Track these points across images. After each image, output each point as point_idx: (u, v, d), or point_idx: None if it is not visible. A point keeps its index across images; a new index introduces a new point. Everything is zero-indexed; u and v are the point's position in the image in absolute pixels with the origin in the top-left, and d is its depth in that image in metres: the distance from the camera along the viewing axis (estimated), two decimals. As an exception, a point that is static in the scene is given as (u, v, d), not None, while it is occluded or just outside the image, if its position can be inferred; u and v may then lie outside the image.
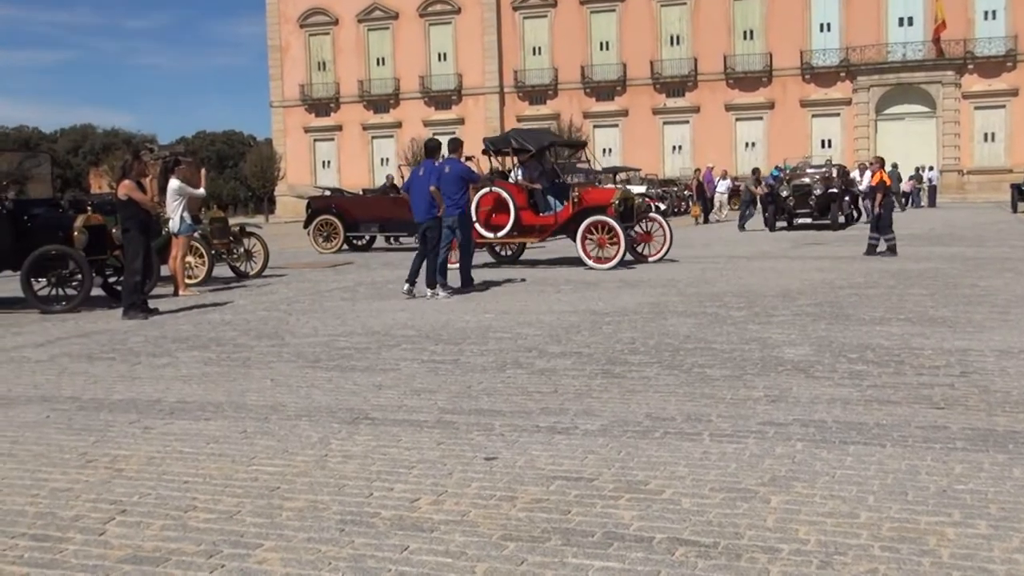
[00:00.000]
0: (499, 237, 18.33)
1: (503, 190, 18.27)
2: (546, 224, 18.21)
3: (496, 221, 18.28)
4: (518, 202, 18.19)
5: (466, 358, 8.75)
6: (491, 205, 18.28)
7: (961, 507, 4.50)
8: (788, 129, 60.53)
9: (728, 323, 10.47)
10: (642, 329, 10.20)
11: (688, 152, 63.50)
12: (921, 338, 9.13)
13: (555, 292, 14.11)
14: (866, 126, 60.49)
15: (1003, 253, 18.68)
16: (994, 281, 13.92)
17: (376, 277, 17.62)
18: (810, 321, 10.44)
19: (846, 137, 61.13)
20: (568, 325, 10.65)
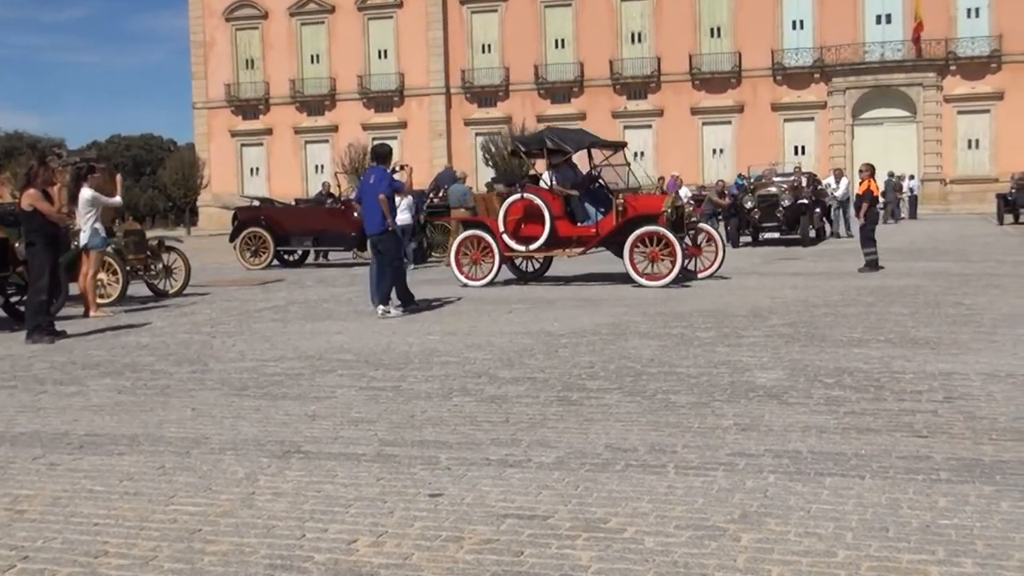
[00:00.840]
0: (532, 250, 17.83)
1: (537, 197, 17.69)
2: (586, 236, 17.66)
3: (527, 232, 17.75)
4: (554, 211, 17.64)
5: (409, 384, 8.72)
6: (521, 214, 17.74)
7: (945, 544, 4.55)
8: (758, 134, 61.23)
9: (695, 345, 10.53)
10: (601, 352, 10.23)
11: (651, 159, 63.95)
12: (902, 361, 9.25)
13: (506, 312, 14.12)
14: (842, 131, 61.37)
15: (989, 268, 19.00)
16: (979, 299, 14.14)
17: (310, 295, 17.53)
18: (783, 343, 10.53)
19: (821, 143, 61.98)
20: (521, 348, 10.65)
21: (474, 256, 18.19)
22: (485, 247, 18.07)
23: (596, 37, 64.21)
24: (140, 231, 18.45)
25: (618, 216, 17.32)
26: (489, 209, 18.55)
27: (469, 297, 16.30)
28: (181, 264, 18.52)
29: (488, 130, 64.00)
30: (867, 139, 60.61)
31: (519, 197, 17.79)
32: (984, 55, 59.55)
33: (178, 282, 18.41)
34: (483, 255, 18.10)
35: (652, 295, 15.81)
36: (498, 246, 17.87)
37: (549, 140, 18.31)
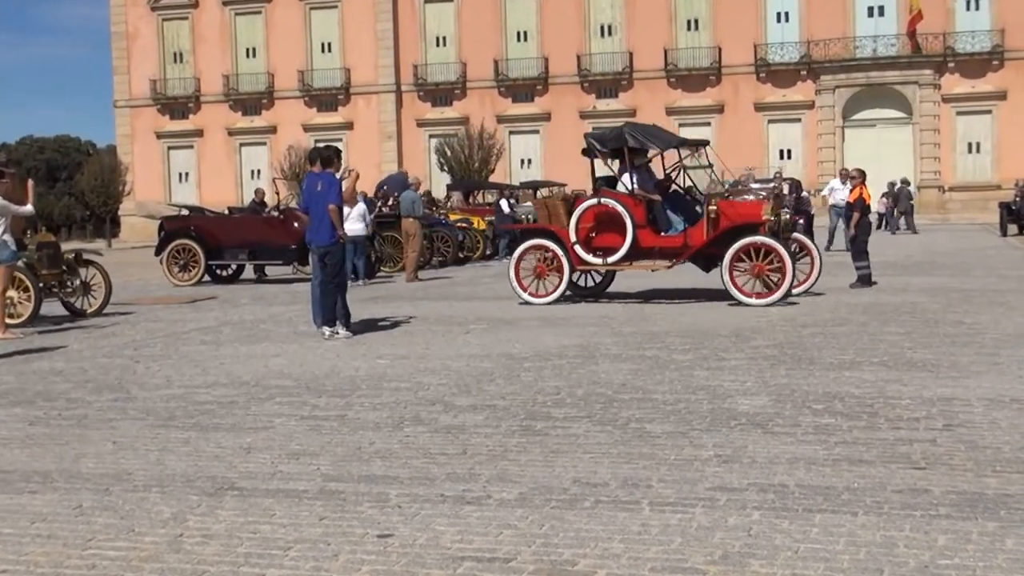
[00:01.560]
0: (610, 262, 17.29)
1: (617, 202, 17.16)
2: (670, 247, 17.21)
3: (602, 242, 17.26)
4: (636, 218, 17.15)
5: (355, 413, 8.70)
6: (593, 222, 17.27)
7: (946, 586, 4.58)
8: (740, 137, 61.59)
9: (671, 368, 10.57)
10: (568, 376, 10.25)
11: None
12: (898, 385, 9.32)
13: (463, 332, 14.11)
14: (831, 134, 61.88)
15: (991, 284, 19.21)
16: (981, 317, 14.29)
17: (245, 315, 17.45)
18: (768, 366, 10.59)
19: (808, 146, 62.50)
20: (479, 372, 10.65)
21: (538, 269, 17.79)
22: (552, 259, 17.56)
23: (562, 30, 64.50)
24: (55, 243, 18.29)
25: (710, 225, 16.86)
26: (552, 215, 18.02)
27: (422, 317, 16.27)
28: (101, 280, 18.38)
29: (443, 132, 64.13)
30: (859, 142, 61.12)
31: (596, 202, 17.24)
32: (985, 51, 60.26)
33: (97, 300, 18.27)
34: (549, 268, 17.62)
35: (622, 314, 15.86)
36: (569, 258, 17.40)
37: (631, 137, 17.64)
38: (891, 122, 61.80)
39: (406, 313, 16.83)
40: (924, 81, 60.83)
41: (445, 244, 29.47)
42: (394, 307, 17.94)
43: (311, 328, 14.66)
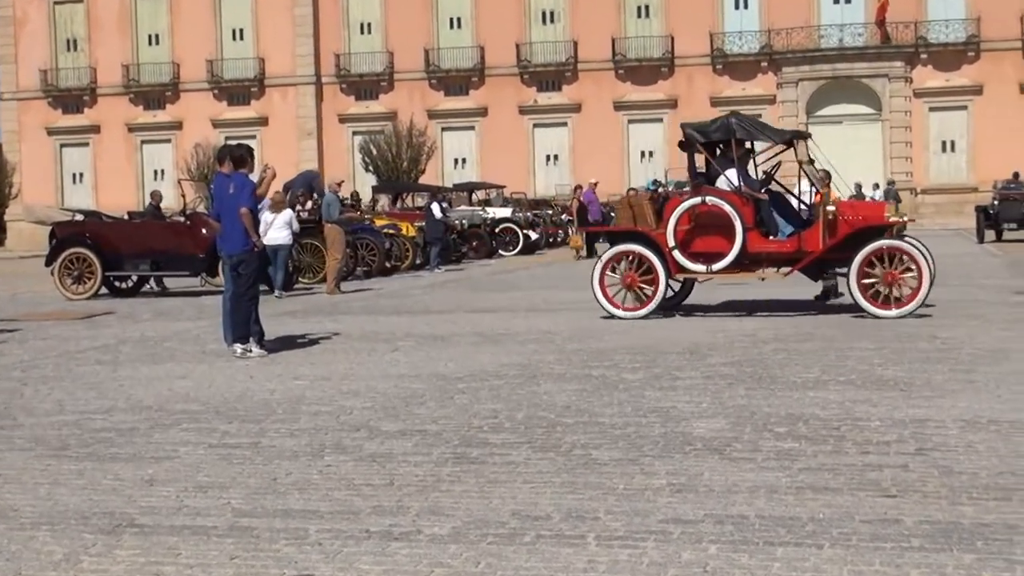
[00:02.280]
0: (715, 270, 16.94)
1: (724, 202, 16.73)
2: (782, 252, 16.93)
3: (703, 247, 16.91)
4: (745, 220, 16.71)
5: (270, 441, 8.65)
6: (690, 224, 16.88)
7: (919, 625, 4.64)
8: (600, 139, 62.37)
9: (620, 389, 10.60)
10: (507, 399, 10.25)
11: (566, 163, 64.55)
12: (867, 406, 9.41)
13: (390, 350, 14.08)
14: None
15: (968, 295, 19.45)
16: (957, 331, 14.47)
17: (147, 331, 17.29)
18: (726, 385, 10.65)
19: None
20: (409, 394, 10.63)
21: (628, 279, 17.20)
22: (644, 267, 17.01)
23: (499, 16, 64.58)
24: (-68, 252, 18.04)
25: (827, 228, 16.48)
26: (638, 216, 17.61)
27: (345, 333, 16.22)
28: (-16, 293, 18.14)
29: (368, 128, 64.01)
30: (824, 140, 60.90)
31: (699, 201, 16.83)
32: (960, 41, 61.11)
33: (-20, 316, 18.02)
34: (642, 277, 17.06)
35: (566, 329, 15.90)
36: (666, 266, 16.97)
37: (739, 128, 17.15)
38: (859, 118, 62.43)
39: (327, 329, 16.77)
40: (894, 74, 61.57)
41: (370, 252, 29.40)
42: (314, 322, 17.86)
43: (221, 346, 14.55)
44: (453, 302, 21.09)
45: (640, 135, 64.22)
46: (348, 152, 65.75)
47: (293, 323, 17.71)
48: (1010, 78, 60.51)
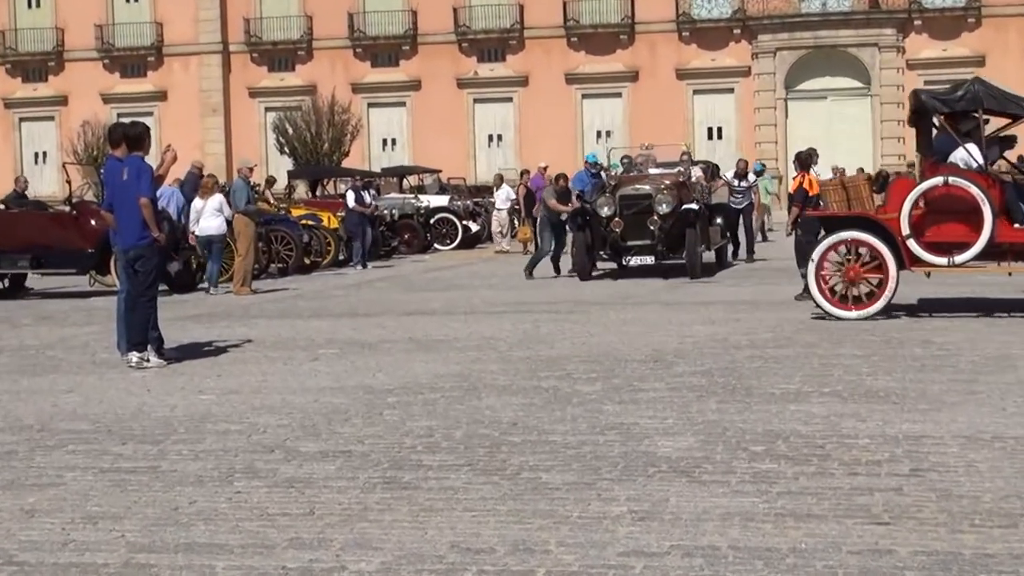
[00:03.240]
0: (958, 262, 16.54)
1: (970, 183, 16.32)
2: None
3: (941, 235, 16.55)
4: (994, 204, 16.30)
5: (171, 464, 8.60)
6: (924, 209, 16.59)
7: (914, 669, 4.67)
8: (659, 111, 62.01)
9: (574, 403, 10.62)
10: (444, 414, 10.24)
11: (512, 145, 64.48)
12: (855, 420, 9.48)
13: (309, 359, 14.03)
14: (771, 107, 62.59)
15: (968, 293, 19.60)
16: (956, 335, 14.61)
17: (27, 339, 17.15)
18: (695, 398, 10.69)
19: (743, 123, 63.14)
20: (331, 410, 10.60)
21: (850, 272, 16.79)
22: (872, 257, 16.60)
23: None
24: None
25: None
26: (853, 199, 17.32)
27: (257, 339, 16.16)
28: None
29: (283, 104, 63.64)
30: (806, 118, 61.80)
31: (941, 183, 16.48)
32: (958, 7, 61.39)
33: None
34: (868, 268, 16.65)
35: (511, 334, 15.92)
36: (898, 257, 16.61)
37: (988, 98, 16.65)
38: (846, 93, 62.64)
39: (236, 335, 16.69)
40: (885, 43, 61.83)
41: (286, 247, 29.28)
42: (221, 327, 17.78)
43: (114, 355, 14.46)
44: (382, 303, 21.05)
45: (596, 112, 64.19)
46: (260, 131, 65.40)
47: (197, 329, 17.61)
48: (1015, 48, 60.88)
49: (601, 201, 25.27)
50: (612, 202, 25.16)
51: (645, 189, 25.63)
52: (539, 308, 19.30)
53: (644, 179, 26.79)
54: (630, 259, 25.53)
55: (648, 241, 24.98)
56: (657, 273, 25.33)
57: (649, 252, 25.09)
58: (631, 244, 25.21)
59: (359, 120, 61.56)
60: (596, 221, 25.28)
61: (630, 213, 25.03)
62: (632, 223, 24.96)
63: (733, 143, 62.10)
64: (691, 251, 24.61)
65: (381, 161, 60.16)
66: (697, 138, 61.31)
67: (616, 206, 25.10)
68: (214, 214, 23.38)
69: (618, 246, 25.31)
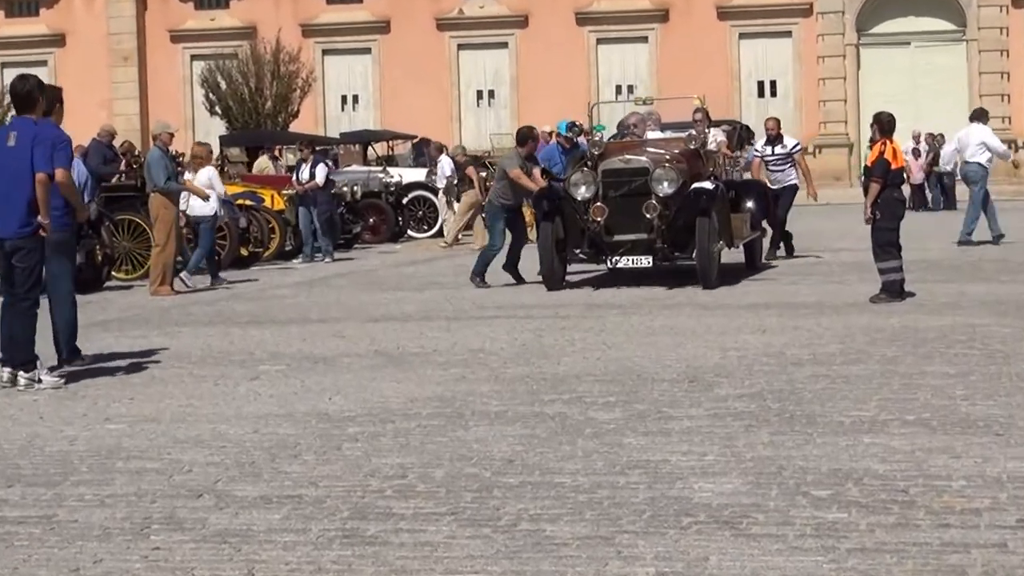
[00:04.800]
0: None
1: None
2: None
3: None
4: None
5: (70, 513, 8.59)
6: None
7: None
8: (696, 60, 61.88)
9: (587, 434, 10.61)
10: (420, 449, 10.24)
11: (507, 104, 64.35)
12: (946, 457, 9.48)
13: (248, 378, 14.02)
14: (840, 56, 62.44)
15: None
16: (1076, 348, 14.61)
17: None
18: (741, 428, 10.68)
19: (803, 76, 62.96)
20: (275, 443, 10.59)
21: None
22: None
23: None
24: None
25: None
26: None
27: (181, 352, 16.13)
28: None
29: (214, 50, 63.50)
30: (883, 70, 61.75)
31: None
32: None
33: None
34: None
35: (508, 345, 15.89)
36: None
37: None
38: (934, 38, 62.56)
39: (154, 347, 16.69)
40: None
41: (218, 234, 29.25)
42: (134, 337, 17.76)
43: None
44: (341, 307, 21.06)
45: (615, 61, 64.07)
46: (184, 86, 65.32)
47: (104, 338, 17.57)
48: None
49: (577, 178, 23.76)
50: (592, 179, 23.50)
51: (639, 161, 23.89)
52: (542, 312, 19.29)
53: (639, 147, 25.01)
54: (617, 260, 23.52)
55: (643, 235, 23.28)
56: (656, 279, 23.38)
57: (644, 250, 23.28)
58: (619, 239, 23.41)
59: (311, 71, 61.34)
60: (570, 206, 23.68)
61: (618, 195, 23.39)
62: (620, 209, 23.24)
63: (790, 101, 61.97)
64: (703, 249, 22.79)
65: (340, 124, 60.09)
66: (744, 95, 61.32)
67: (598, 185, 23.39)
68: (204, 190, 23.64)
69: (601, 242, 23.52)
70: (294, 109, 57.98)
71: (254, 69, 57.91)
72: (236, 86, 57.78)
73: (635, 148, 24.80)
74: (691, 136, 25.13)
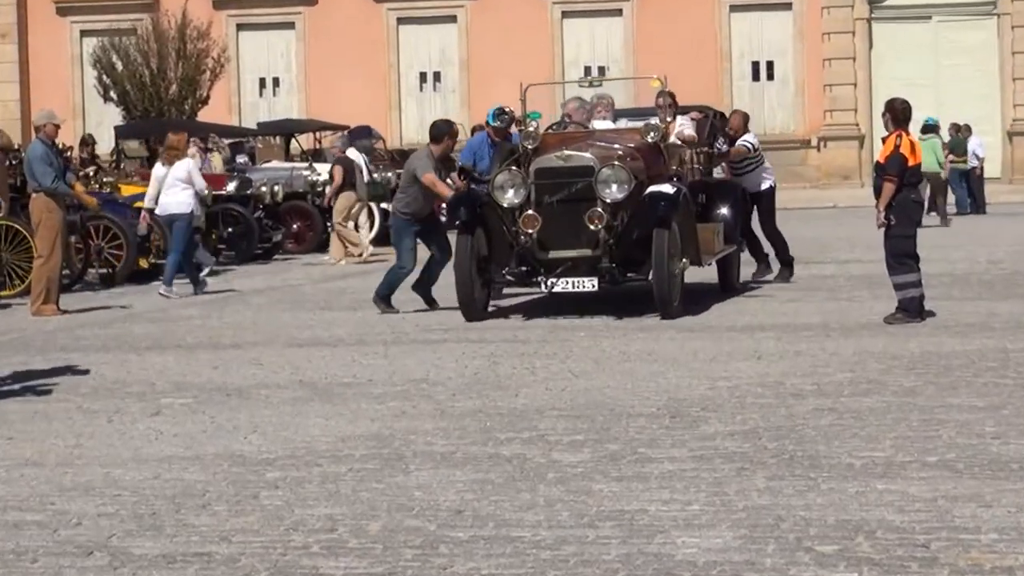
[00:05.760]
0: None
1: None
2: None
3: None
4: None
5: (-65, 575, 8.56)
6: None
7: None
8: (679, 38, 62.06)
9: (550, 480, 10.62)
10: (352, 497, 10.24)
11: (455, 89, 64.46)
12: (974, 505, 9.50)
13: (149, 414, 13.99)
14: (848, 32, 62.69)
15: None
16: None
17: None
18: (733, 472, 10.70)
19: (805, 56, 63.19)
20: (181, 490, 10.58)
21: None
22: None
23: None
24: None
25: None
26: None
27: (68, 383, 16.10)
28: None
29: (108, 25, 63.45)
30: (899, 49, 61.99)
31: None
32: None
33: None
34: None
35: (456, 374, 15.91)
36: None
37: None
38: (959, 11, 62.86)
39: (36, 375, 16.64)
40: (1019, -65, 62.22)
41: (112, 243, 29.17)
42: (14, 364, 17.71)
43: None
44: (259, 329, 21.08)
45: (584, 39, 64.25)
46: (73, 67, 65.27)
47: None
48: None
49: (503, 179, 22.28)
50: (522, 181, 22.08)
51: (582, 158, 22.41)
52: (497, 336, 19.31)
53: (584, 141, 23.69)
54: (554, 282, 22.01)
55: (586, 251, 21.95)
56: (604, 306, 22.18)
57: (588, 271, 21.95)
58: (556, 256, 22.07)
59: (224, 50, 61.31)
60: (495, 215, 22.49)
61: (554, 200, 22.01)
62: (558, 219, 21.99)
63: (790, 85, 62.19)
64: (661, 268, 21.42)
65: (257, 112, 60.18)
66: (735, 79, 61.47)
67: (529, 188, 21.98)
68: (179, 185, 23.60)
69: (533, 260, 22.20)
70: (203, 94, 57.90)
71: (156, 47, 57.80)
72: (135, 67, 57.67)
73: (578, 142, 23.58)
74: (649, 126, 23.70)
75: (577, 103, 25.60)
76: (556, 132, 24.74)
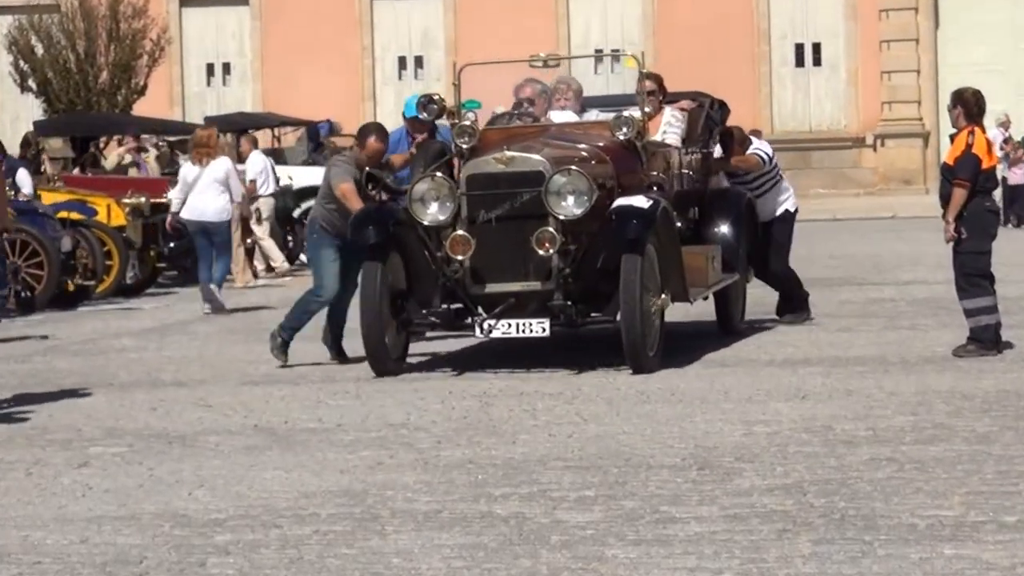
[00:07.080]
0: None
1: None
2: None
3: None
4: None
5: None
6: None
7: None
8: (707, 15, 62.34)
9: (553, 544, 10.62)
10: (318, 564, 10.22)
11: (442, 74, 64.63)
12: (1062, 575, 9.51)
13: (76, 465, 14.01)
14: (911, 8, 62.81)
15: None
16: None
17: None
18: (773, 535, 10.71)
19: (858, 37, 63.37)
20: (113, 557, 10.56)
21: None
22: None
23: None
24: None
25: None
26: None
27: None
28: None
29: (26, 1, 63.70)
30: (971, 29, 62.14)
31: None
32: None
33: None
34: None
35: (443, 416, 15.93)
36: None
37: None
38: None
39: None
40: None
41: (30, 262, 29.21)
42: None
43: None
44: (206, 363, 21.11)
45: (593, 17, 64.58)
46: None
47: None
48: None
49: (423, 190, 20.81)
50: (450, 191, 20.65)
51: (529, 161, 20.79)
52: (490, 372, 19.29)
53: (533, 137, 22.12)
54: (492, 324, 20.44)
55: (534, 283, 20.58)
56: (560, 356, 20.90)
57: (537, 309, 20.54)
58: (495, 290, 20.70)
59: (165, 31, 61.49)
60: (414, 236, 20.96)
61: (492, 217, 20.62)
62: (497, 241, 20.63)
63: (840, 73, 62.42)
64: (631, 306, 19.93)
65: (204, 104, 60.34)
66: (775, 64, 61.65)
67: (459, 201, 20.61)
68: (216, 188, 23.81)
69: (465, 294, 20.82)
70: (140, 83, 57.99)
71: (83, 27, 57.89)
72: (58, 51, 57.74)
73: (527, 139, 21.94)
74: (621, 119, 21.80)
75: (538, 87, 23.56)
76: (499, 127, 22.97)
